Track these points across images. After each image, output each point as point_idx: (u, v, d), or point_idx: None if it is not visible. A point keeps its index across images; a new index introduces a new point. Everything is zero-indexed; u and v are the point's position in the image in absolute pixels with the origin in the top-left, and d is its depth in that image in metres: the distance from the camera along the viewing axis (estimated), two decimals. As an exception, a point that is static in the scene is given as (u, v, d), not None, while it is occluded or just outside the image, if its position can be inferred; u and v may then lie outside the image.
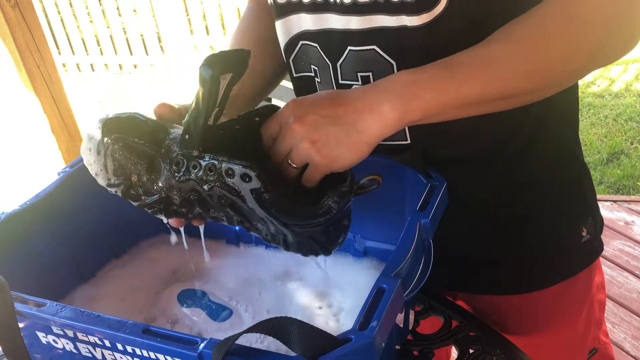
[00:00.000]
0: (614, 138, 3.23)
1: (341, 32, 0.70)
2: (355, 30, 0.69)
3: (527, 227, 0.80)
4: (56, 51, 5.68)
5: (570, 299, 0.85)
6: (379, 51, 0.69)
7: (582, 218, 0.83)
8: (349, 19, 0.69)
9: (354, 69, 0.72)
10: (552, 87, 0.65)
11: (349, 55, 0.71)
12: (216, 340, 0.51)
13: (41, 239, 0.77)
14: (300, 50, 0.77)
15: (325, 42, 0.73)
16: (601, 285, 0.90)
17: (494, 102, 0.62)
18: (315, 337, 0.49)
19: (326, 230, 0.59)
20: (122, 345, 0.56)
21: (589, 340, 0.91)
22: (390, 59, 0.69)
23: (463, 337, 0.75)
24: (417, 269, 0.61)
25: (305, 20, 0.73)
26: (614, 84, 3.83)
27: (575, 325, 0.88)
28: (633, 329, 1.89)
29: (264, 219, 0.58)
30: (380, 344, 0.51)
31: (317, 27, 0.73)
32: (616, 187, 2.85)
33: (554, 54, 0.61)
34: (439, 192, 0.68)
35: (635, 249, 2.20)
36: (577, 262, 0.84)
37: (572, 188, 0.82)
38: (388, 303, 0.52)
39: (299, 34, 0.75)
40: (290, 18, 0.75)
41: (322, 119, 0.58)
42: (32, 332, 0.62)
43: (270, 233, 0.61)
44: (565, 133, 0.80)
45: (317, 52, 0.75)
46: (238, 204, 0.58)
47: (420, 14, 0.64)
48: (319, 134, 0.57)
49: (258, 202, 0.56)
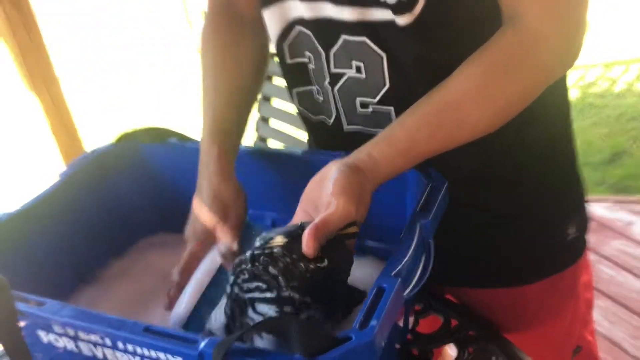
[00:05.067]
0: (616, 138, 3.23)
1: (335, 21, 0.71)
2: (348, 21, 0.70)
3: (514, 224, 0.81)
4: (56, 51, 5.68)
5: (557, 295, 0.86)
6: (369, 43, 0.70)
7: (569, 216, 0.84)
8: (342, 9, 0.70)
9: (347, 58, 0.73)
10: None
11: (342, 44, 0.73)
12: (217, 339, 0.52)
13: (41, 240, 0.77)
14: (296, 36, 0.78)
15: (319, 30, 0.74)
16: (589, 284, 0.92)
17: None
18: (315, 336, 0.49)
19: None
20: (123, 344, 0.56)
21: (574, 337, 0.92)
22: (380, 51, 0.70)
23: (463, 336, 0.75)
24: (417, 269, 0.61)
25: (300, 8, 0.74)
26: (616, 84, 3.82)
27: (562, 321, 0.89)
28: (632, 328, 1.89)
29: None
30: (380, 343, 0.51)
31: (311, 14, 0.73)
32: (618, 187, 2.85)
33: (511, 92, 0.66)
34: (439, 192, 0.68)
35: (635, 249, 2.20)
36: (564, 259, 0.85)
37: (561, 186, 0.83)
38: (388, 302, 0.52)
39: (296, 19, 0.76)
40: (287, 3, 0.75)
41: None
42: (33, 331, 0.62)
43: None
44: (554, 131, 0.81)
45: (310, 39, 0.75)
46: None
47: (403, 14, 0.66)
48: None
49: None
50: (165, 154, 0.88)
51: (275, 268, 0.56)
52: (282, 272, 0.55)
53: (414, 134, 0.64)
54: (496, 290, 0.84)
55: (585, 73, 3.97)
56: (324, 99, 0.79)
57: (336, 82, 0.76)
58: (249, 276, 0.57)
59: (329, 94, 0.78)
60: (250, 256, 0.57)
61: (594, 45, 3.75)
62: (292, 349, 0.49)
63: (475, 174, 0.78)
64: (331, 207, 0.58)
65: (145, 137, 0.89)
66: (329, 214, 0.57)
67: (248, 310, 0.58)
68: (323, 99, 0.80)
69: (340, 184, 0.59)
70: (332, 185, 0.59)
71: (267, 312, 0.56)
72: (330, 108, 0.79)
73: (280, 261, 0.56)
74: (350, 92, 0.76)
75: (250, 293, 0.57)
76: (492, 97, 0.65)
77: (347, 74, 0.74)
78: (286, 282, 0.55)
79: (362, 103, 0.75)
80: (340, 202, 0.58)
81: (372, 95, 0.74)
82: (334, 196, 0.58)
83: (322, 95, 0.79)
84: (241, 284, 0.58)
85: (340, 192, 0.59)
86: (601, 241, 2.22)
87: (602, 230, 2.28)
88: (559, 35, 0.65)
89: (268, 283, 0.56)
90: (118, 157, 0.88)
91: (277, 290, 0.55)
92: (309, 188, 0.64)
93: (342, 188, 0.59)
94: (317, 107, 0.82)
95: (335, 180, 0.59)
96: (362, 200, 0.60)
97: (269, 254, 0.56)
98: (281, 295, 0.55)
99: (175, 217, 0.79)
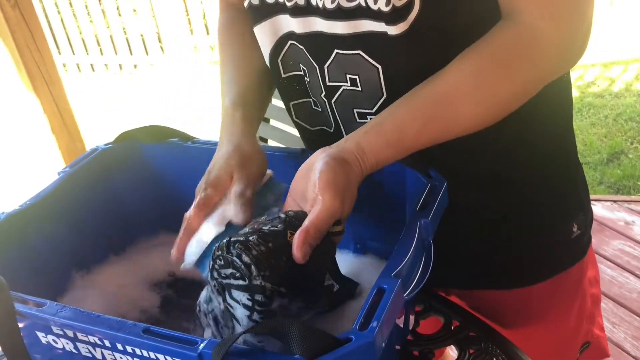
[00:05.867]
0: (614, 138, 3.23)
1: (328, 36, 0.70)
2: (341, 35, 0.69)
3: (517, 224, 0.81)
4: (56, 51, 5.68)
5: (562, 293, 0.86)
6: (364, 55, 0.69)
7: (573, 214, 0.83)
8: (333, 24, 0.69)
9: (342, 71, 0.72)
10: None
11: (335, 58, 0.72)
12: (216, 340, 0.51)
13: (41, 239, 0.77)
14: (288, 50, 0.77)
15: (311, 45, 0.73)
16: (594, 280, 0.91)
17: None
18: (315, 337, 0.49)
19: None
20: (122, 345, 0.56)
21: (581, 334, 0.91)
22: (376, 64, 0.69)
23: (463, 337, 0.75)
24: (417, 269, 0.61)
25: (291, 23, 0.73)
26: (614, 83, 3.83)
27: (567, 319, 0.88)
28: (633, 329, 1.89)
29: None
30: (381, 344, 0.51)
31: (303, 30, 0.73)
32: (616, 187, 2.85)
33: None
34: (439, 192, 0.68)
35: (635, 249, 2.20)
36: (568, 257, 0.85)
37: (564, 184, 0.82)
38: (388, 303, 0.52)
39: (288, 34, 0.75)
40: (278, 18, 0.75)
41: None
42: (31, 332, 0.62)
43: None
44: (556, 129, 0.81)
45: (303, 54, 0.75)
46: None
47: (397, 24, 0.65)
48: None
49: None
50: (166, 154, 0.88)
51: (248, 256, 0.56)
52: (254, 260, 0.55)
53: (404, 126, 0.64)
54: (502, 291, 0.84)
55: (584, 73, 3.97)
56: (322, 110, 0.79)
57: (332, 95, 0.75)
58: (224, 263, 0.57)
59: (326, 106, 0.77)
60: (226, 243, 0.58)
61: (592, 45, 3.74)
62: (292, 350, 0.49)
63: (478, 174, 0.78)
64: (317, 204, 0.57)
65: (146, 136, 0.89)
66: (316, 213, 0.57)
67: (226, 295, 0.58)
68: (321, 110, 0.79)
69: (325, 178, 0.59)
70: (318, 180, 0.59)
71: (240, 299, 0.56)
72: (329, 119, 0.78)
73: (254, 249, 0.56)
74: (347, 104, 0.75)
75: (227, 279, 0.57)
76: (485, 93, 0.64)
77: (343, 86, 0.74)
78: (258, 271, 0.55)
79: (360, 114, 0.75)
80: (326, 198, 0.58)
81: (369, 107, 0.73)
82: (319, 192, 0.58)
83: (320, 107, 0.79)
84: (219, 269, 0.58)
85: (326, 187, 0.58)
86: (601, 241, 2.22)
87: (602, 230, 2.28)
88: (559, 33, 0.64)
89: (240, 270, 0.56)
90: (118, 157, 0.88)
91: (248, 278, 0.55)
92: (296, 179, 0.64)
93: (327, 182, 0.58)
94: (315, 118, 0.81)
95: (321, 174, 0.59)
96: (347, 194, 0.60)
97: (244, 242, 0.56)
98: (252, 283, 0.55)
99: (175, 217, 0.78)
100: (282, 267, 0.56)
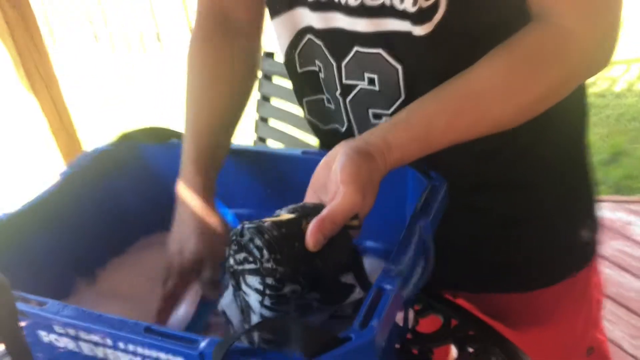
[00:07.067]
0: (616, 138, 3.22)
1: (348, 33, 0.69)
2: (362, 33, 0.68)
3: (528, 227, 0.80)
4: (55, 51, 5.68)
5: (570, 298, 0.86)
6: (385, 55, 0.69)
7: (582, 219, 0.83)
8: (355, 21, 0.68)
9: (360, 70, 0.71)
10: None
11: (354, 56, 0.71)
12: (217, 339, 0.52)
13: (41, 240, 0.77)
14: (306, 44, 0.76)
15: (330, 41, 0.72)
16: (599, 285, 0.91)
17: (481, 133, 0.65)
18: (315, 335, 0.49)
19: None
20: (123, 344, 0.56)
21: (587, 339, 0.91)
22: (396, 64, 0.69)
23: (462, 336, 0.75)
24: (417, 269, 0.61)
25: (310, 17, 0.72)
26: (616, 83, 3.82)
27: (574, 324, 0.88)
28: (631, 328, 1.89)
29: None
30: (380, 342, 0.51)
31: (322, 25, 0.72)
32: (617, 187, 2.84)
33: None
34: (439, 192, 0.68)
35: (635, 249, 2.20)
36: (576, 262, 0.84)
37: (575, 190, 0.82)
38: (388, 303, 0.53)
39: (306, 28, 0.74)
40: (297, 11, 0.74)
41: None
42: (33, 331, 0.62)
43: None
44: (569, 134, 0.80)
45: (321, 49, 0.74)
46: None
47: (423, 24, 0.64)
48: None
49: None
50: (165, 154, 0.88)
51: (260, 240, 0.56)
52: (267, 243, 0.55)
53: (433, 119, 0.62)
54: (511, 294, 0.84)
55: (585, 73, 3.96)
56: (335, 108, 0.78)
57: (348, 93, 0.74)
58: (237, 247, 0.58)
59: (340, 104, 0.76)
60: (240, 227, 0.58)
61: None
62: (292, 348, 0.49)
63: (491, 177, 0.77)
64: (338, 197, 0.56)
65: (145, 137, 0.89)
66: (336, 205, 0.56)
67: (241, 283, 0.58)
68: (334, 108, 0.78)
69: (347, 172, 0.57)
70: (340, 172, 0.57)
71: (253, 284, 0.56)
72: (343, 117, 0.77)
73: (267, 234, 0.56)
74: (363, 103, 0.74)
75: (241, 265, 0.58)
76: (515, 92, 0.63)
77: (360, 85, 0.73)
78: (269, 254, 0.55)
79: (375, 114, 0.74)
80: (347, 192, 0.56)
81: (386, 107, 0.72)
82: (341, 185, 0.56)
83: (334, 105, 0.78)
84: (233, 255, 0.58)
85: (348, 180, 0.56)
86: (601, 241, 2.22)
87: (601, 230, 2.28)
88: (591, 34, 0.63)
89: (252, 254, 0.56)
90: (118, 157, 0.88)
91: (259, 261, 0.56)
92: (317, 170, 0.62)
93: (350, 176, 0.56)
94: (328, 116, 0.80)
95: (343, 167, 0.57)
96: (369, 189, 0.58)
97: (258, 226, 0.56)
98: (263, 266, 0.55)
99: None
100: (295, 253, 0.56)
